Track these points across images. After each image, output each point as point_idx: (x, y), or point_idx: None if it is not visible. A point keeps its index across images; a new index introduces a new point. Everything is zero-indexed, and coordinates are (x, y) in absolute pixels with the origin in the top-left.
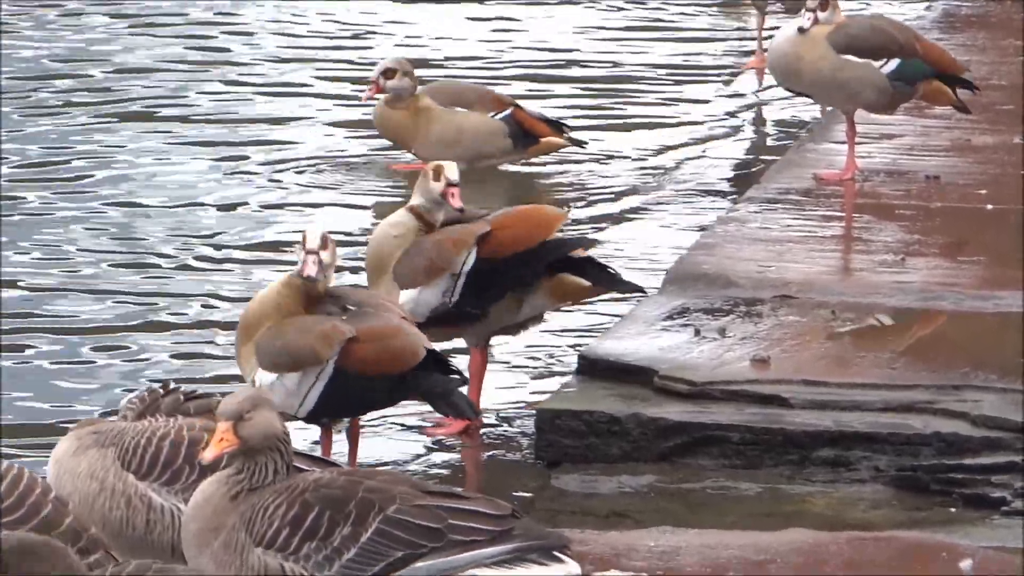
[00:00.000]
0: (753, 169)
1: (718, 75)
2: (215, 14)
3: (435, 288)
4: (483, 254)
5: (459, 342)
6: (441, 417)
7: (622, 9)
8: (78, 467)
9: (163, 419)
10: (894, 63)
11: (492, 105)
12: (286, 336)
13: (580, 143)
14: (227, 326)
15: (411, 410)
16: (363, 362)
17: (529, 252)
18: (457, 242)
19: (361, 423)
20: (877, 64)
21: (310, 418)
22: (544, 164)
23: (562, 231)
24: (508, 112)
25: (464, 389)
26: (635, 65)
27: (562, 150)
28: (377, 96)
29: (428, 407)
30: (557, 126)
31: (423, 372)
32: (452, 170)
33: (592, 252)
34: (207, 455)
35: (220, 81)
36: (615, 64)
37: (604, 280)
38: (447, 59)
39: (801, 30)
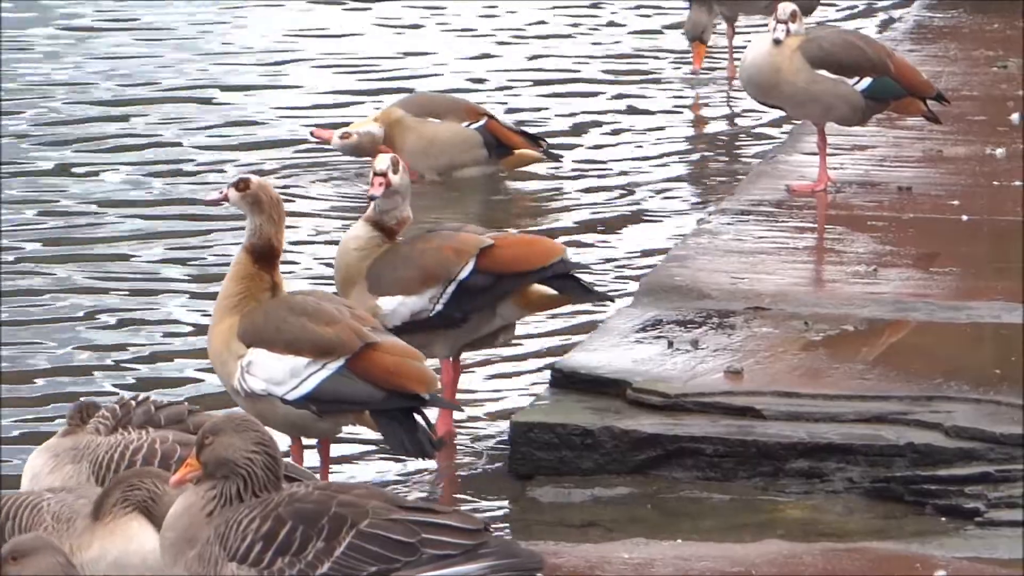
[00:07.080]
0: (725, 181)
1: (687, 84)
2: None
3: (423, 295)
4: (481, 267)
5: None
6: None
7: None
8: (53, 484)
9: (135, 432)
10: (867, 81)
11: (465, 116)
12: (303, 321)
13: (555, 156)
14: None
15: None
16: (376, 368)
17: (526, 273)
18: (459, 251)
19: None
20: (851, 82)
21: (298, 403)
22: (516, 174)
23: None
24: (482, 123)
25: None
26: (603, 73)
27: (536, 162)
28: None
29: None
30: (533, 139)
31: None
32: (380, 161)
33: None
34: (172, 480)
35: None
36: (582, 72)
37: (571, 290)
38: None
39: (777, 42)
